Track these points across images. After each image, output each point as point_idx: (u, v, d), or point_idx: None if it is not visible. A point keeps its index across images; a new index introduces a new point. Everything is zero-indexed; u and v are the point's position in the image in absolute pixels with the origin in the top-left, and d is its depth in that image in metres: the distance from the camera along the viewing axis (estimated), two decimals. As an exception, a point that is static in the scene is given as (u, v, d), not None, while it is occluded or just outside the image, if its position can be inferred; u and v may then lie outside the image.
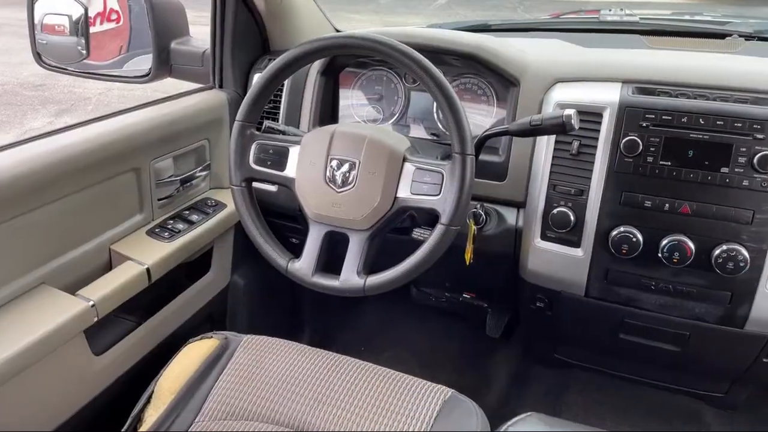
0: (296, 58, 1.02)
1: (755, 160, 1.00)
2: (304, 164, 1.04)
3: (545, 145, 1.14)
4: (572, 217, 1.11)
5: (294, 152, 1.06)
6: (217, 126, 1.44)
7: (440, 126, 1.35)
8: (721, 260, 1.03)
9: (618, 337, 1.25)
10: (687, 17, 1.62)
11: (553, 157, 1.13)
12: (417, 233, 1.27)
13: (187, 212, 1.37)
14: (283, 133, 1.18)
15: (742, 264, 1.02)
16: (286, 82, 1.37)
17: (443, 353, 1.84)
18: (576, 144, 1.11)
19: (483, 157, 1.18)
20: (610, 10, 1.53)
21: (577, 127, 0.98)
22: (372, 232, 1.00)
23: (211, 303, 1.46)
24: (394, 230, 1.08)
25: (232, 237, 1.49)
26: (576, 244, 1.14)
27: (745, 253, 1.01)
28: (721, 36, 1.39)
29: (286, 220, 1.40)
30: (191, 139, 1.37)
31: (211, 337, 1.09)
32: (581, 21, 1.60)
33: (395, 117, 1.39)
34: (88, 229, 1.16)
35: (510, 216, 1.23)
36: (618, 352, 1.39)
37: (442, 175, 0.96)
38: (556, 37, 1.47)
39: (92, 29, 1.39)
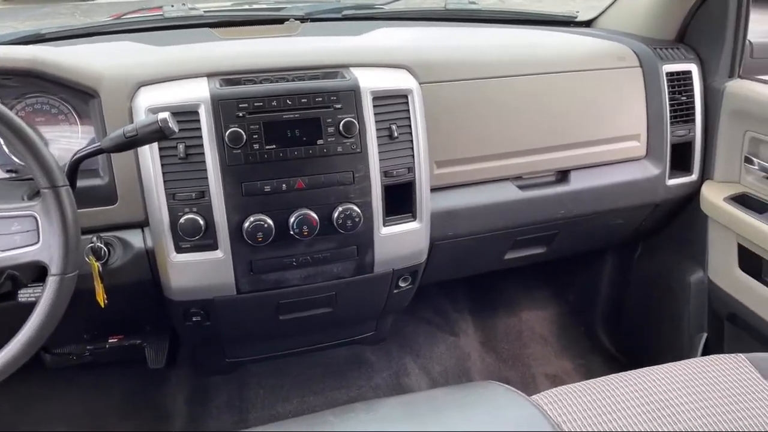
0: None
1: (341, 127, 1.12)
2: None
3: (149, 154, 1.06)
4: (201, 222, 1.08)
5: None
6: None
7: (15, 159, 1.12)
8: (341, 221, 1.14)
9: (278, 320, 1.30)
10: (246, 6, 1.71)
11: (162, 165, 1.06)
12: (25, 294, 1.04)
13: None
14: None
15: (357, 219, 1.15)
16: None
17: (105, 409, 1.61)
18: (181, 147, 1.06)
19: (81, 183, 1.03)
20: (172, 6, 1.50)
21: (176, 129, 0.93)
22: (-43, 315, 0.77)
23: None
24: (-8, 300, 0.87)
25: None
26: (213, 246, 1.11)
27: (357, 209, 1.14)
28: (281, 21, 1.51)
29: None
30: None
31: None
32: (146, 20, 1.52)
33: (-55, 161, 1.09)
34: None
35: (135, 239, 1.12)
36: (282, 333, 1.45)
37: (36, 218, 0.82)
38: (124, 39, 1.36)
39: None
